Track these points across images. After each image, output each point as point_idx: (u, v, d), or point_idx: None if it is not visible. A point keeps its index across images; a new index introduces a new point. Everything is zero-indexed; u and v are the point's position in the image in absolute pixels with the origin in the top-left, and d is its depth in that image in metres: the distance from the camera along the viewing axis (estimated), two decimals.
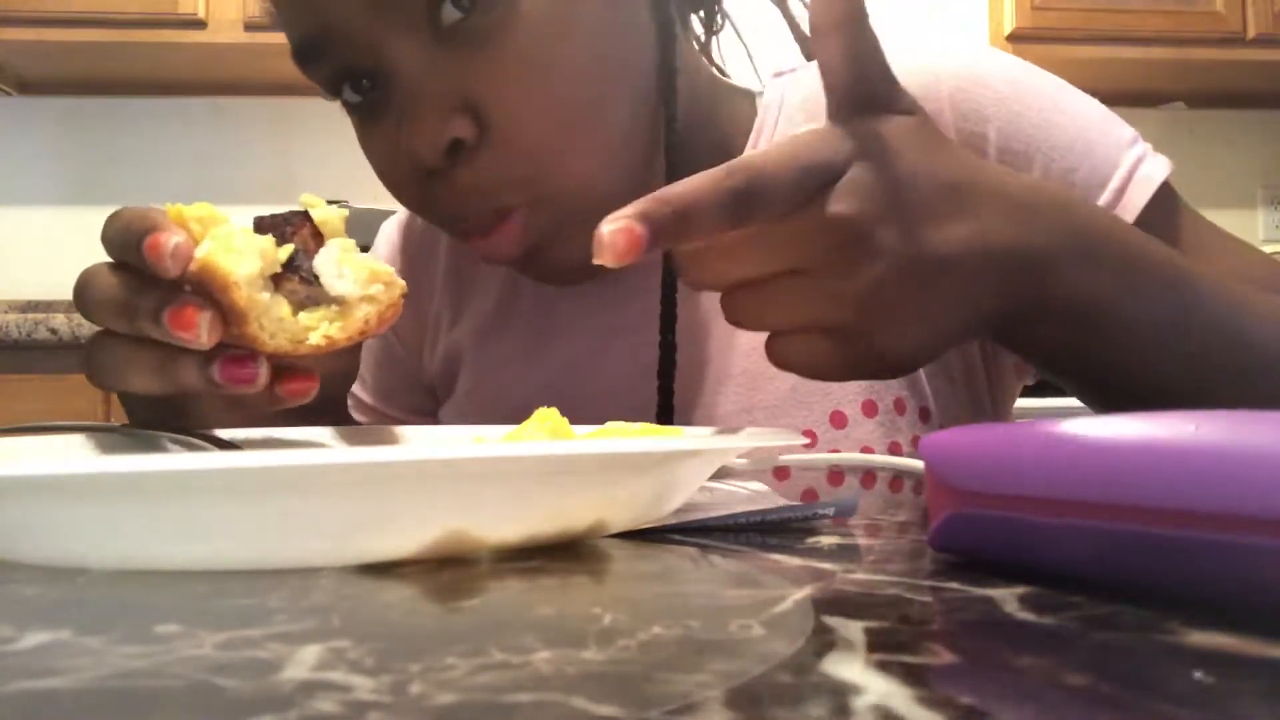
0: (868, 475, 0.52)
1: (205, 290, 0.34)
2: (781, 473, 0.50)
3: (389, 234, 0.68)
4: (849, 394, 0.52)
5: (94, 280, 0.36)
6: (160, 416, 0.39)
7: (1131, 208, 0.48)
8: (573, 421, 0.35)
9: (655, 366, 0.55)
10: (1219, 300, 0.39)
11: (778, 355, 0.36)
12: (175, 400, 0.38)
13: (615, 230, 0.30)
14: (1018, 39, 2.15)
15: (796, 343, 0.35)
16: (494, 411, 0.60)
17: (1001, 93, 0.50)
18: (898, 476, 0.52)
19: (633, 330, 0.56)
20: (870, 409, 0.52)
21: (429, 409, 0.66)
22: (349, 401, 0.68)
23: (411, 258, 0.66)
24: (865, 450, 0.51)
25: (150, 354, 0.36)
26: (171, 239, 0.33)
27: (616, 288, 0.57)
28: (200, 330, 0.33)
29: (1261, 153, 2.53)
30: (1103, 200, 0.48)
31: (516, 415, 0.58)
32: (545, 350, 0.59)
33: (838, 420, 0.52)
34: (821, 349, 0.35)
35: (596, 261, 0.30)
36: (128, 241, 0.34)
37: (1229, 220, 2.46)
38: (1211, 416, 0.19)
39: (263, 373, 0.35)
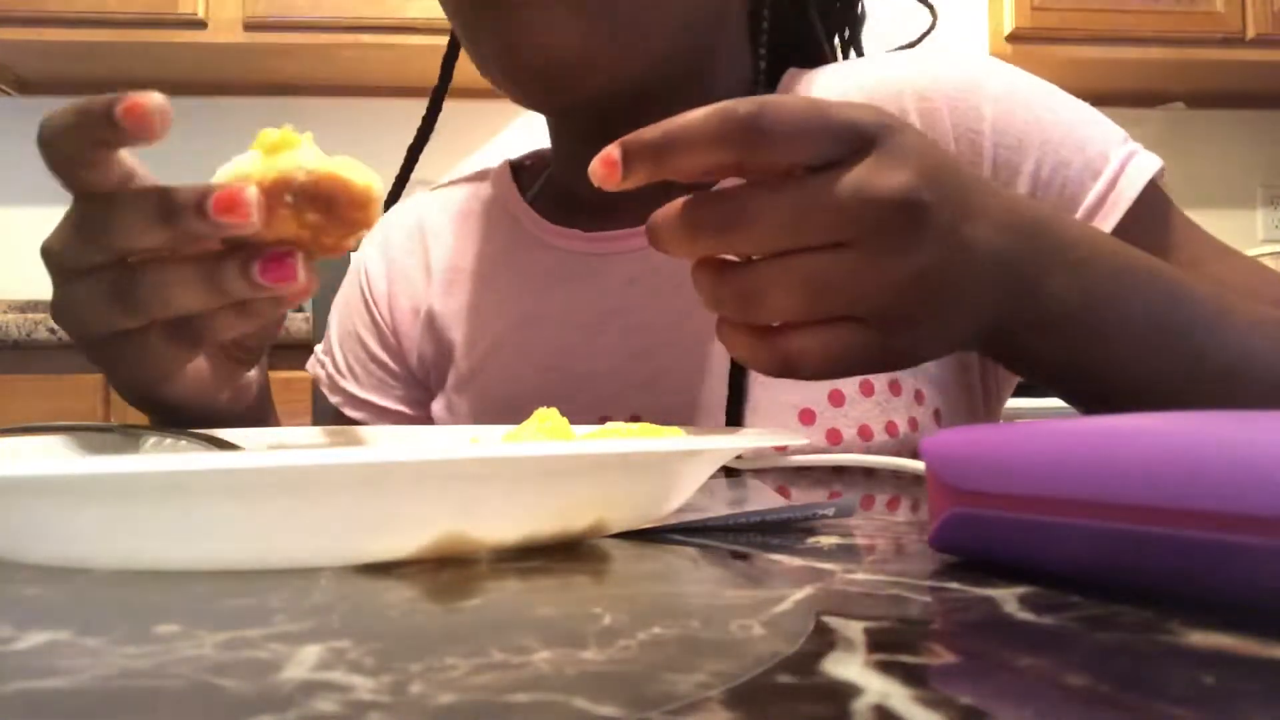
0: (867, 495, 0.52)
1: (321, 200, 0.33)
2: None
3: (382, 222, 0.69)
4: None
5: (116, 203, 0.34)
6: (181, 351, 0.37)
7: (1123, 199, 0.49)
8: (567, 406, 0.34)
9: (646, 349, 0.56)
10: (1205, 309, 0.39)
11: (789, 353, 0.33)
12: (195, 326, 0.37)
13: (599, 156, 0.31)
14: (1017, 39, 2.15)
15: (821, 334, 0.32)
16: (486, 399, 0.60)
17: (996, 92, 0.52)
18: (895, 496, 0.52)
19: (625, 314, 0.57)
20: (867, 388, 0.53)
21: (423, 400, 0.66)
22: (336, 399, 0.67)
23: (400, 249, 0.67)
24: (863, 429, 0.52)
25: (191, 266, 0.34)
26: (150, 96, 0.32)
27: (607, 275, 0.58)
28: (251, 209, 0.32)
29: (1261, 153, 2.53)
30: (1095, 191, 0.49)
31: (508, 402, 0.59)
32: (537, 336, 0.59)
33: (836, 399, 0.53)
34: (849, 340, 0.32)
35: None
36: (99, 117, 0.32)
37: (1228, 220, 2.48)
38: (1212, 416, 0.19)
39: (301, 270, 0.34)
